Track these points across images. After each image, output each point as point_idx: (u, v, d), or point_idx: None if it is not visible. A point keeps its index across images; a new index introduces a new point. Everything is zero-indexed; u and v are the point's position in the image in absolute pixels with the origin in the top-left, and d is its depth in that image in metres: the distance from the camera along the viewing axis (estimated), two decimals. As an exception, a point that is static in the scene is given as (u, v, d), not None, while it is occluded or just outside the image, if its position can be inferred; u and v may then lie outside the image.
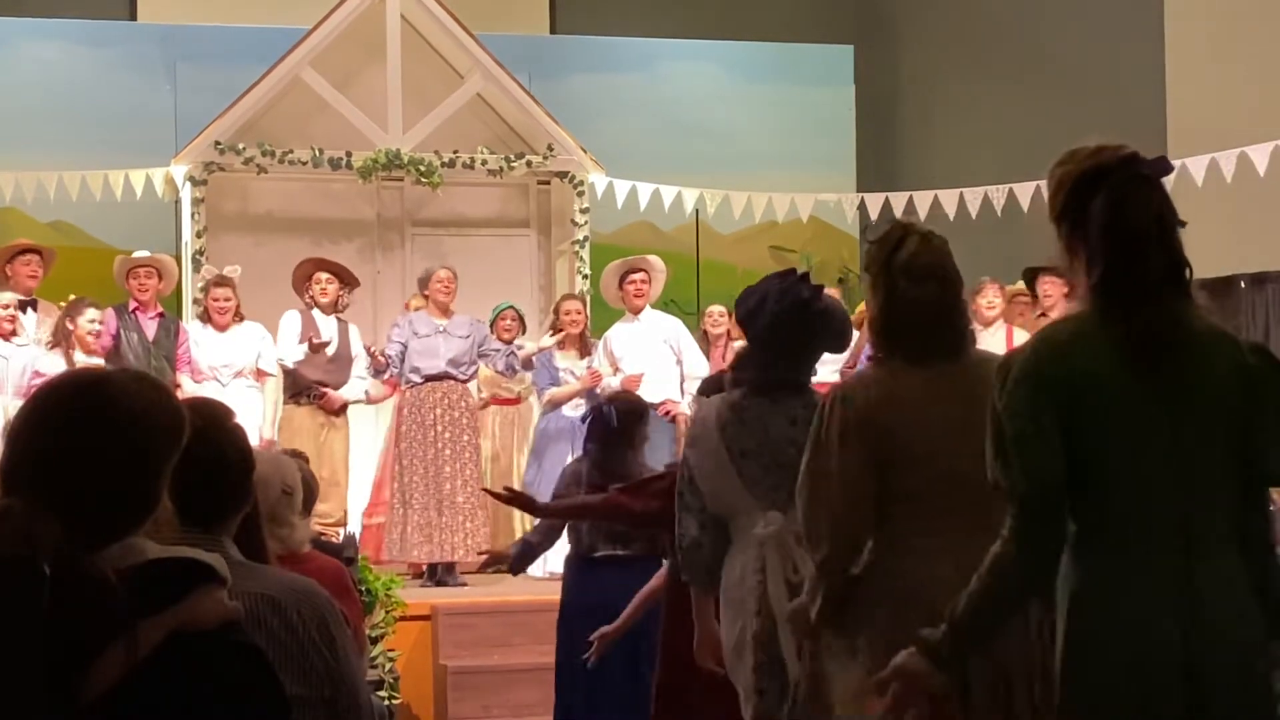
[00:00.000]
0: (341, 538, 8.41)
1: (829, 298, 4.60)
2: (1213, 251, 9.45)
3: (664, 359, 10.11)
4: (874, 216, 12.10)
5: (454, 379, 9.77)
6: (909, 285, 3.66)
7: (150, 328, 9.78)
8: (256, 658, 2.53)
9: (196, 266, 10.64)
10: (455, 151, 11.13)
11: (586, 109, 12.77)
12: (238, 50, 12.16)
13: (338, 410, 9.89)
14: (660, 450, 9.58)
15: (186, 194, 11.06)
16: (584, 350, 10.24)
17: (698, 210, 12.51)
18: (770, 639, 4.27)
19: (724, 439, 4.41)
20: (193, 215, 10.85)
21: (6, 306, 9.34)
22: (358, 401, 10.14)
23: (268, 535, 3.16)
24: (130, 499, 2.38)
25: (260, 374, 9.90)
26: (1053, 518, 2.90)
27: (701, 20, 14.01)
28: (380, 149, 10.93)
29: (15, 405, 8.27)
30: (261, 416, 9.70)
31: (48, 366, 8.99)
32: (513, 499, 5.91)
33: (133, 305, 9.81)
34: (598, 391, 9.58)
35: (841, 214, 12.96)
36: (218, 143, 10.84)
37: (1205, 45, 11.57)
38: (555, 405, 10.01)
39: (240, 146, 10.84)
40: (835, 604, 3.65)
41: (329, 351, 9.88)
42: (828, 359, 5.38)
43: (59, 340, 9.35)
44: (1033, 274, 10.28)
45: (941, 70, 14.13)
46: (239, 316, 10.03)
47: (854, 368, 8.73)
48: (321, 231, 11.49)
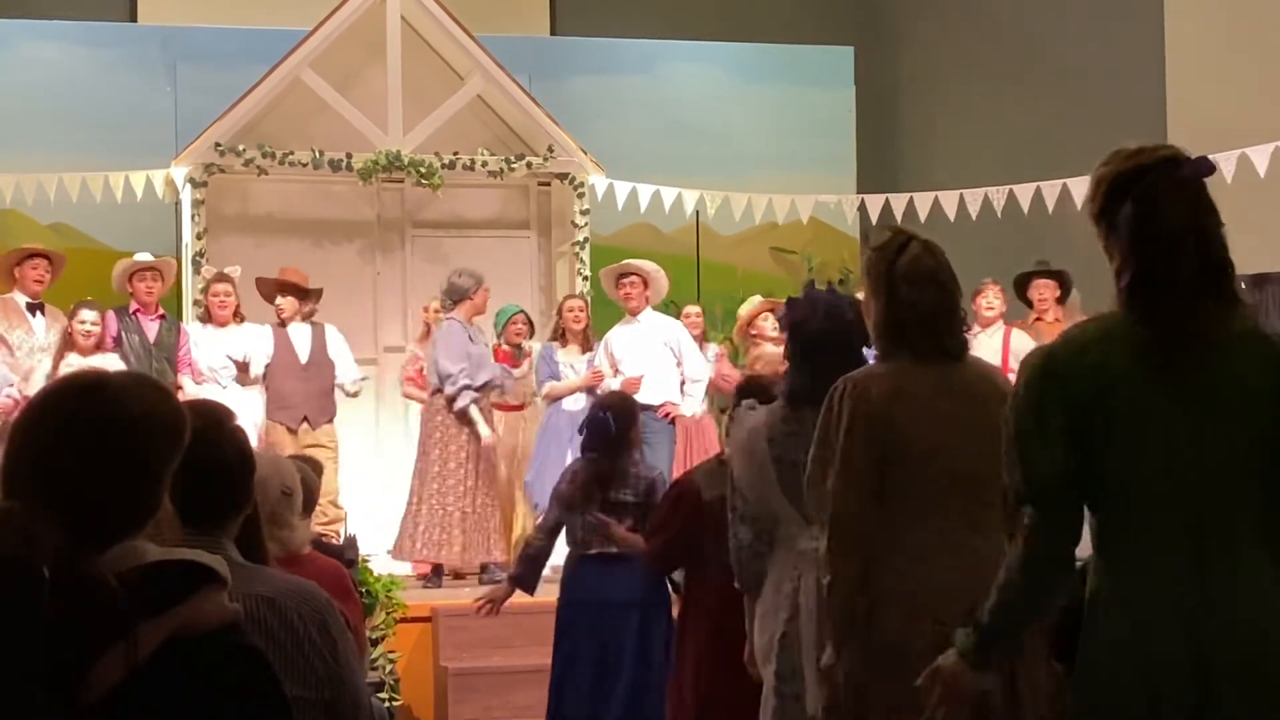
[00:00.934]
0: (342, 539, 8.41)
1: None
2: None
3: (664, 361, 10.11)
4: (874, 218, 12.10)
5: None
6: (910, 290, 3.72)
7: (152, 329, 9.78)
8: (257, 659, 2.53)
9: (197, 268, 10.64)
10: (455, 153, 11.13)
11: (587, 110, 12.77)
12: (238, 52, 12.16)
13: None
14: (660, 451, 9.59)
15: (187, 195, 11.06)
16: (586, 346, 10.26)
17: (698, 212, 12.51)
18: (795, 647, 4.29)
19: (772, 450, 4.42)
20: (193, 217, 10.85)
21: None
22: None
23: (267, 537, 3.16)
24: (131, 501, 2.38)
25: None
26: (1054, 515, 2.90)
27: (702, 22, 14.01)
28: (380, 150, 10.93)
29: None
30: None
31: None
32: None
33: (133, 307, 9.81)
34: (597, 391, 9.59)
35: (842, 215, 12.96)
36: (218, 144, 10.84)
37: (1205, 46, 11.57)
38: (554, 399, 10.03)
39: (240, 148, 10.84)
40: (849, 616, 3.67)
41: (303, 361, 9.89)
42: None
43: (60, 343, 9.37)
44: (1025, 279, 10.32)
45: (942, 71, 14.13)
46: (239, 317, 10.04)
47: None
48: (322, 233, 11.49)
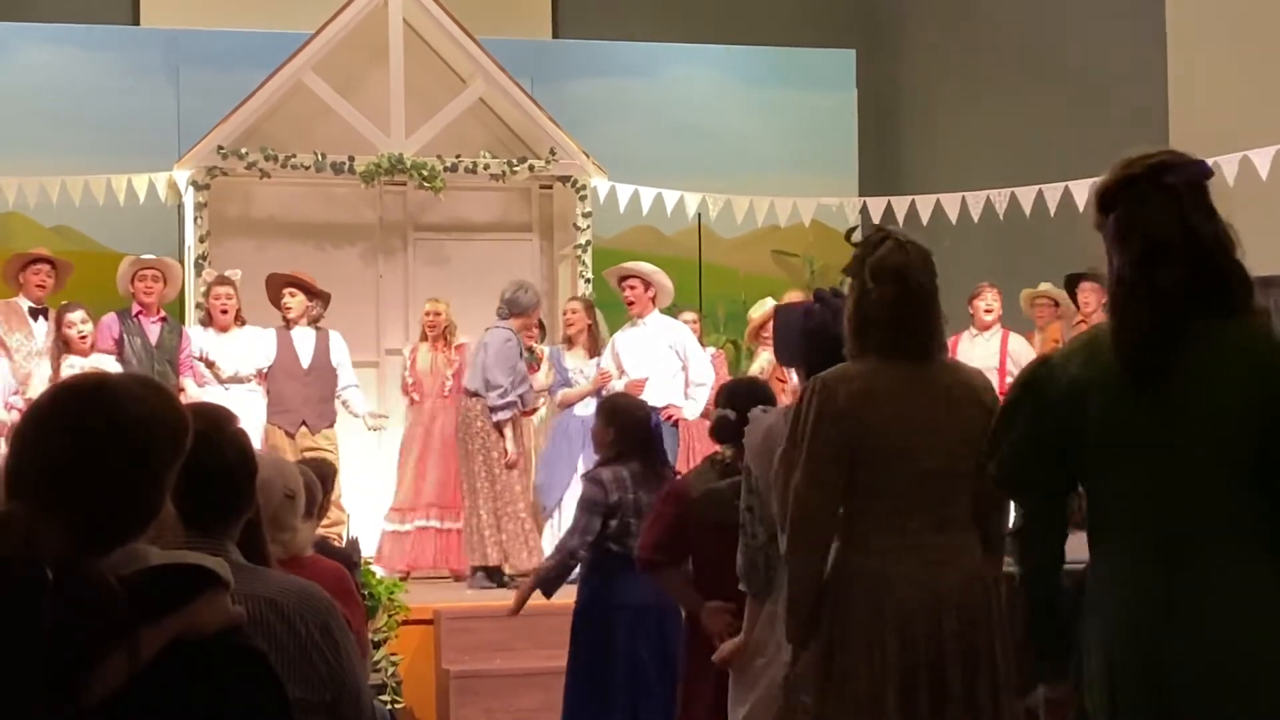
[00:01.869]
0: (345, 542, 8.42)
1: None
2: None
3: (668, 364, 10.11)
4: (876, 220, 12.09)
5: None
6: (874, 286, 3.74)
7: (153, 332, 9.78)
8: (259, 661, 2.53)
9: (199, 271, 10.65)
10: (457, 156, 11.13)
11: (589, 113, 12.77)
12: (240, 55, 12.16)
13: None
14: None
15: (189, 198, 11.07)
16: (593, 350, 10.26)
17: (700, 214, 12.51)
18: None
19: None
20: (195, 220, 10.86)
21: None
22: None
23: (270, 539, 3.16)
24: (133, 503, 2.38)
25: (261, 377, 9.92)
26: (1025, 505, 2.99)
27: (703, 25, 14.01)
28: (383, 153, 10.93)
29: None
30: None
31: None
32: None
33: (135, 309, 9.81)
34: (604, 393, 9.59)
35: (844, 218, 12.94)
36: (220, 147, 10.84)
37: (1207, 49, 11.57)
38: (567, 405, 10.05)
39: (243, 151, 10.85)
40: (806, 615, 3.70)
41: (304, 366, 9.89)
42: None
43: (53, 350, 9.36)
44: (1074, 281, 10.25)
45: (943, 75, 14.12)
46: (240, 320, 10.04)
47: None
48: (324, 236, 11.50)
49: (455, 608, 8.88)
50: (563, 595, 6.71)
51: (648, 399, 9.40)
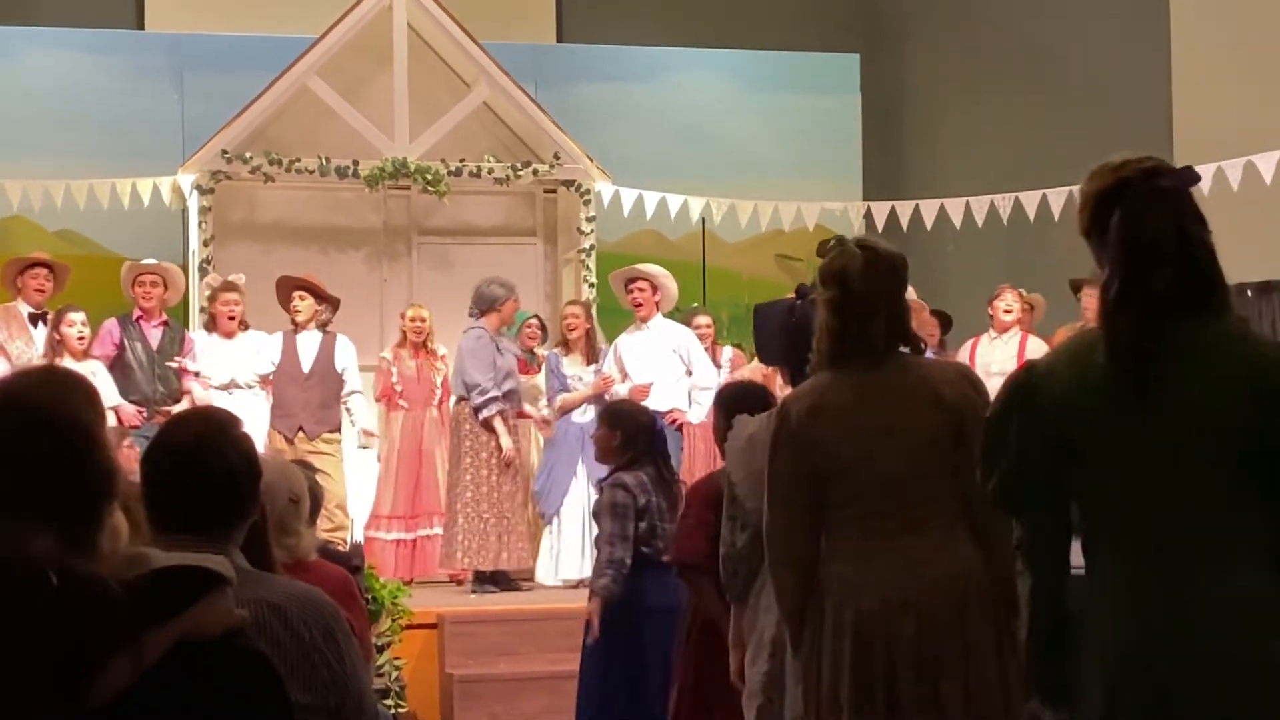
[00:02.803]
0: (348, 546, 8.42)
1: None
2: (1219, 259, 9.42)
3: (672, 368, 10.10)
4: (880, 225, 12.10)
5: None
6: (821, 292, 3.77)
7: (154, 336, 9.76)
8: (262, 664, 2.54)
9: (203, 275, 10.65)
10: (462, 160, 11.14)
11: (593, 117, 12.78)
12: (245, 59, 12.17)
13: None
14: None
15: (193, 202, 11.07)
16: (590, 356, 10.23)
17: (704, 219, 12.52)
18: (782, 655, 4.28)
19: None
20: (200, 224, 10.86)
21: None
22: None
23: (274, 544, 3.16)
24: (78, 485, 2.41)
25: (265, 381, 9.91)
26: (1025, 516, 2.96)
27: (707, 29, 14.02)
28: (387, 157, 10.94)
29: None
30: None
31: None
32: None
33: (136, 314, 9.81)
34: (606, 398, 9.59)
35: (847, 222, 12.94)
36: (225, 151, 10.85)
37: (1211, 54, 11.57)
38: (566, 411, 10.03)
39: (247, 155, 10.86)
40: (796, 622, 3.73)
41: (305, 370, 9.88)
42: None
43: (48, 350, 9.35)
44: (1078, 285, 10.25)
45: (947, 79, 14.13)
46: (243, 325, 10.04)
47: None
48: (328, 240, 11.51)
49: (459, 612, 8.88)
50: (567, 599, 6.72)
51: (652, 403, 9.41)
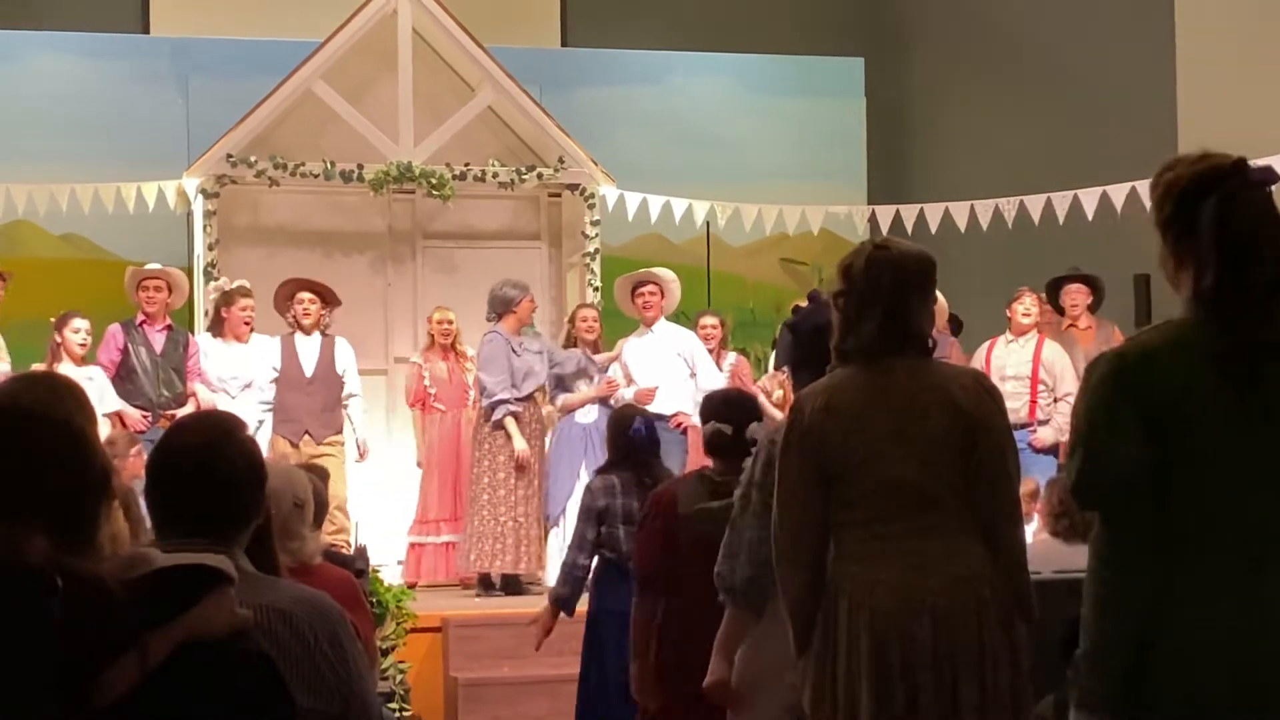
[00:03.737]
0: (350, 548, 8.42)
1: None
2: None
3: (677, 371, 10.11)
4: (885, 229, 12.09)
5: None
6: (843, 294, 3.78)
7: (158, 341, 9.76)
8: (267, 666, 2.54)
9: (208, 279, 10.65)
10: (466, 164, 11.14)
11: (597, 121, 12.77)
12: (250, 63, 12.18)
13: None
14: (671, 462, 9.55)
15: (198, 206, 11.08)
16: (599, 358, 10.27)
17: (708, 222, 12.52)
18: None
19: None
20: (204, 228, 10.87)
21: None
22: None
23: (279, 548, 3.16)
24: (73, 486, 2.42)
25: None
26: (1119, 518, 2.87)
27: (712, 33, 14.01)
28: (392, 161, 10.95)
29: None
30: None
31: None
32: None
33: (140, 318, 9.81)
34: (611, 402, 9.60)
35: (852, 226, 12.95)
36: (230, 155, 10.86)
37: (1216, 57, 11.55)
38: (568, 411, 10.04)
39: (252, 159, 10.86)
40: (802, 623, 3.70)
41: (307, 375, 9.87)
42: None
43: (49, 355, 9.36)
44: (1056, 284, 10.26)
45: (952, 82, 14.12)
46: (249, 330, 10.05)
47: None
48: (333, 244, 11.51)
49: (463, 615, 8.88)
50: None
51: (657, 407, 9.42)
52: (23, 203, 11.39)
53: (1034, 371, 9.70)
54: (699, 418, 5.41)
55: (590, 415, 9.84)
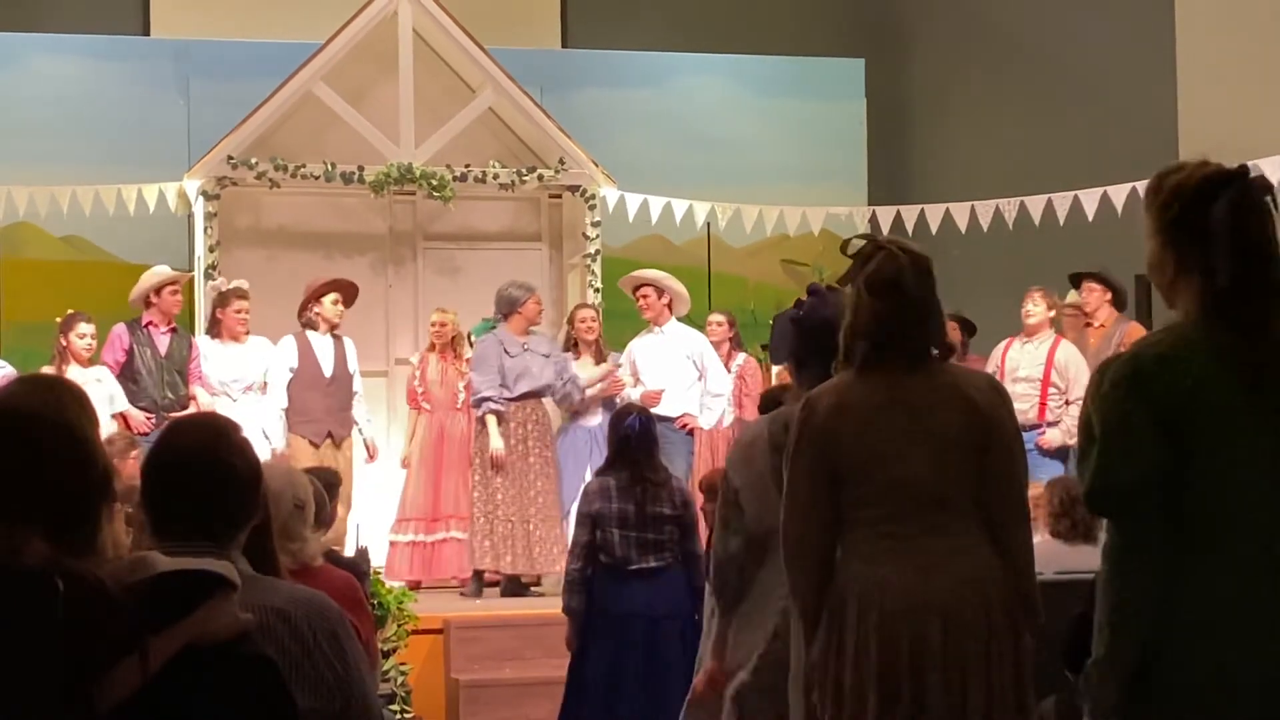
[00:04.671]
0: (350, 550, 8.42)
1: None
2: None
3: (684, 373, 10.12)
4: (885, 229, 12.08)
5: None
6: (870, 298, 3.74)
7: (163, 342, 9.79)
8: (268, 669, 2.54)
9: (209, 280, 10.66)
10: (467, 165, 11.14)
11: (598, 123, 12.77)
12: (250, 65, 12.18)
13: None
14: (677, 463, 9.56)
15: (199, 208, 11.09)
16: (599, 358, 10.25)
17: (709, 224, 12.52)
18: (771, 668, 4.24)
19: (773, 460, 4.30)
20: (205, 230, 10.87)
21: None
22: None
23: (279, 549, 3.17)
24: (74, 488, 2.42)
25: (262, 386, 9.92)
26: (1132, 523, 2.83)
27: (713, 34, 14.02)
28: (392, 163, 10.95)
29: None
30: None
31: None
32: None
33: (145, 320, 9.82)
34: (617, 401, 9.60)
35: (853, 227, 12.92)
36: (230, 157, 10.86)
37: (1217, 58, 11.56)
38: (574, 412, 10.06)
39: (253, 161, 10.86)
40: (811, 620, 3.71)
41: (327, 375, 9.87)
42: None
43: (56, 357, 9.37)
44: (1077, 279, 10.20)
45: (953, 83, 14.12)
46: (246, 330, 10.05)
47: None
48: (334, 246, 11.51)
49: (465, 617, 8.88)
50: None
51: (663, 409, 9.44)
52: (24, 205, 11.39)
53: (1046, 373, 9.68)
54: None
55: (596, 419, 9.86)
